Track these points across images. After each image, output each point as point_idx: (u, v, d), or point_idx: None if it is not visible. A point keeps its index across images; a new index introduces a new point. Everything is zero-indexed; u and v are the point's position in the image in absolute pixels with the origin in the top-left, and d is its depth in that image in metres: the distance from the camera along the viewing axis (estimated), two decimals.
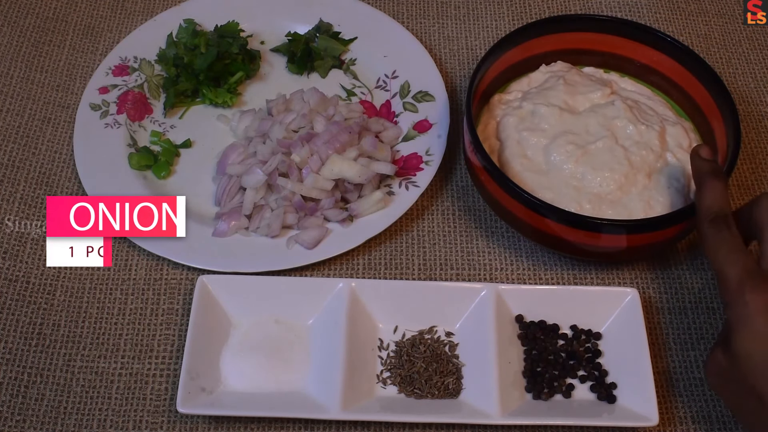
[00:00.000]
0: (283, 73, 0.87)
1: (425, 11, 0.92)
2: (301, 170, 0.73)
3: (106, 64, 0.84)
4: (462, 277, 0.73)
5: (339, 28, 0.88)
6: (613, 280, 0.73)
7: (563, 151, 0.71)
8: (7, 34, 0.87)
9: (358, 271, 0.73)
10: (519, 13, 0.93)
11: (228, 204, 0.74)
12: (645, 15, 0.92)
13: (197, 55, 0.83)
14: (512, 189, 0.67)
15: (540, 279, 0.73)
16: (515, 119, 0.74)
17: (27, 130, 0.80)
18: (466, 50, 0.89)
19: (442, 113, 0.80)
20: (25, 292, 0.70)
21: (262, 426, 0.64)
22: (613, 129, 0.72)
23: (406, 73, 0.84)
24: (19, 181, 0.77)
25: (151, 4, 0.92)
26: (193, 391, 0.63)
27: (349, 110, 0.79)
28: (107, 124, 0.80)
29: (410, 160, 0.77)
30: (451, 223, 0.76)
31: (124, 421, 0.64)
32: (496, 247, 0.74)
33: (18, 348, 0.67)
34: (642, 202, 0.69)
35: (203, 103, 0.83)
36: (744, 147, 0.81)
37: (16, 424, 0.63)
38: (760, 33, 0.91)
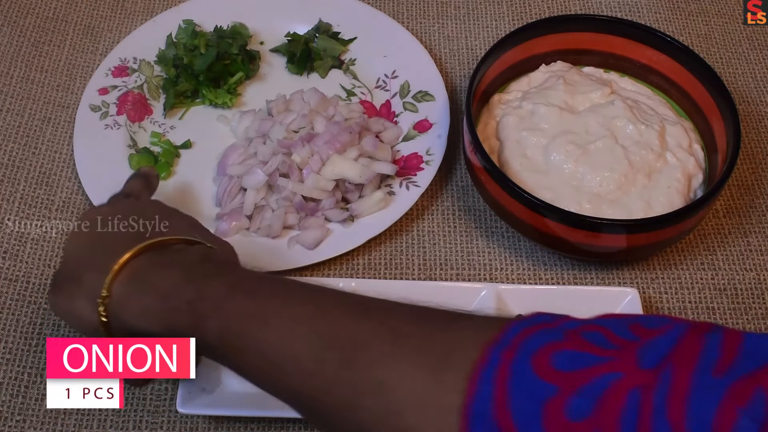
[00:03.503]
0: (283, 74, 0.87)
1: (425, 11, 0.92)
2: (301, 170, 0.73)
3: (106, 65, 0.84)
4: (462, 277, 0.73)
5: (338, 28, 0.88)
6: (613, 280, 0.73)
7: (563, 151, 0.71)
8: (7, 34, 0.87)
9: (358, 271, 0.73)
10: (519, 13, 0.93)
11: (229, 205, 0.74)
12: (645, 15, 0.92)
13: (197, 56, 0.83)
14: (512, 189, 0.67)
15: (540, 279, 0.73)
16: (515, 119, 0.74)
17: (27, 130, 0.80)
18: (466, 50, 0.89)
19: (442, 113, 0.80)
20: (25, 292, 0.70)
21: (262, 426, 0.64)
22: (613, 129, 0.72)
23: (406, 73, 0.84)
24: (19, 181, 0.77)
25: (151, 5, 0.92)
26: (193, 391, 0.62)
27: (350, 110, 0.79)
28: (107, 125, 0.80)
29: (410, 160, 0.77)
30: (451, 223, 0.76)
31: (124, 421, 0.64)
32: (496, 247, 0.74)
33: (18, 348, 0.67)
34: (642, 201, 0.69)
35: (203, 104, 0.83)
36: (744, 147, 0.81)
37: (16, 424, 0.63)
38: (760, 33, 0.91)
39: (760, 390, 0.33)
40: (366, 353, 0.43)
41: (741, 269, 0.73)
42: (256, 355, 0.47)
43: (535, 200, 0.66)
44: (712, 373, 0.34)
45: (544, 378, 0.37)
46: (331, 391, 0.44)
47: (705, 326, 0.37)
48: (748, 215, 0.77)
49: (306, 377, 0.45)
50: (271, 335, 0.47)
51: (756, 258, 0.74)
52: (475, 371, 0.38)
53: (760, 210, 0.77)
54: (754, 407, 0.32)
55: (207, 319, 0.49)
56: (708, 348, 0.35)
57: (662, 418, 0.34)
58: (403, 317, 0.45)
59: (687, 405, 0.33)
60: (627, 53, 0.80)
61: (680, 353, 0.36)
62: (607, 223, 0.66)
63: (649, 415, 0.34)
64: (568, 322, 0.40)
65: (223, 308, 0.49)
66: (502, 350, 0.39)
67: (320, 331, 0.46)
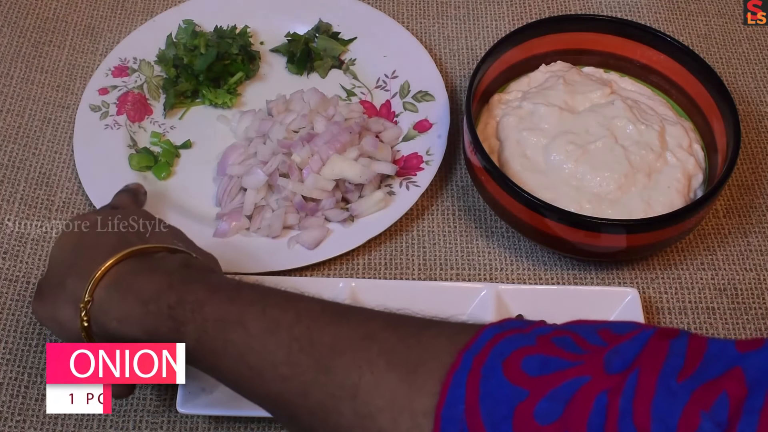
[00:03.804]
0: (283, 74, 0.87)
1: (425, 11, 0.92)
2: (301, 170, 0.73)
3: (106, 65, 0.84)
4: (462, 277, 0.73)
5: (338, 28, 0.88)
6: (613, 280, 0.73)
7: (563, 151, 0.71)
8: (7, 35, 0.87)
9: (358, 271, 0.73)
10: (519, 13, 0.93)
11: (229, 205, 0.74)
12: (645, 15, 0.92)
13: (197, 56, 0.83)
14: (512, 189, 0.67)
15: (540, 279, 0.73)
16: (515, 119, 0.74)
17: (27, 130, 0.80)
18: (466, 50, 0.89)
19: (442, 113, 0.80)
20: (25, 292, 0.70)
21: (262, 426, 0.64)
22: (613, 129, 0.72)
23: (405, 73, 0.84)
24: (19, 181, 0.77)
25: (150, 5, 0.92)
26: (193, 391, 0.62)
27: (350, 110, 0.79)
28: (107, 126, 0.80)
29: (410, 160, 0.77)
30: (451, 223, 0.76)
31: (124, 421, 0.64)
32: (496, 247, 0.74)
33: (18, 348, 0.67)
34: (642, 201, 0.69)
35: (203, 104, 0.83)
36: (744, 147, 0.81)
37: (16, 424, 0.63)
38: (760, 33, 0.91)
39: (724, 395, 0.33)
40: (342, 358, 0.44)
41: (741, 269, 0.73)
42: (233, 359, 0.48)
43: (535, 200, 0.66)
44: (677, 378, 0.35)
45: (514, 382, 0.37)
46: (307, 395, 0.45)
47: (671, 332, 0.38)
48: (748, 215, 0.77)
49: (283, 381, 0.46)
50: (249, 340, 0.48)
51: (756, 258, 0.74)
52: (447, 376, 0.39)
53: (760, 210, 0.77)
54: (717, 411, 0.33)
55: (186, 323, 0.50)
56: (673, 353, 0.36)
57: (628, 421, 0.34)
58: (379, 324, 0.46)
59: (652, 408, 0.34)
60: (627, 53, 0.80)
61: (645, 358, 0.36)
62: (607, 223, 0.66)
63: (616, 418, 0.35)
64: (540, 327, 0.41)
65: (202, 312, 0.50)
66: (474, 355, 0.39)
67: (298, 337, 0.46)
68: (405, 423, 0.40)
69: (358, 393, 0.42)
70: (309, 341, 0.46)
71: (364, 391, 0.42)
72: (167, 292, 0.52)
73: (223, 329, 0.49)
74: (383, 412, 0.41)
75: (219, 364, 0.50)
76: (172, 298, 0.51)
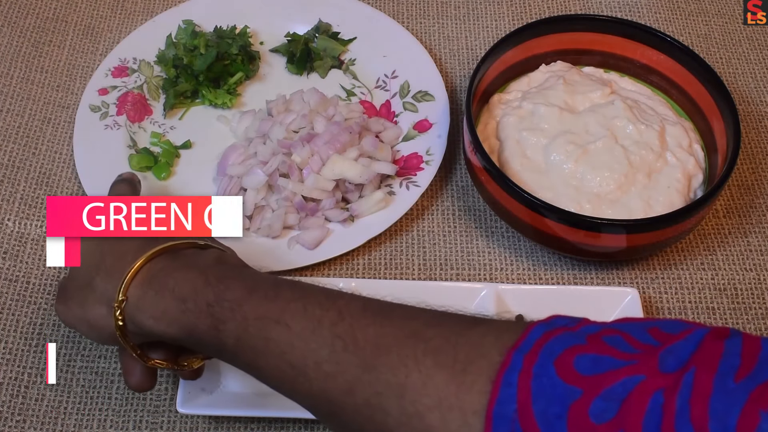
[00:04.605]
0: (283, 74, 0.87)
1: (425, 11, 0.92)
2: (301, 171, 0.73)
3: (106, 65, 0.84)
4: (462, 277, 0.73)
5: (338, 28, 0.88)
6: (613, 280, 0.73)
7: (563, 151, 0.71)
8: (7, 35, 0.87)
9: (358, 272, 0.73)
10: (519, 13, 0.93)
11: None
12: (645, 15, 0.92)
13: (197, 56, 0.83)
14: (512, 189, 0.67)
15: (540, 279, 0.73)
16: (515, 119, 0.74)
17: (27, 130, 0.80)
18: (466, 50, 0.89)
19: (442, 113, 0.80)
20: (25, 292, 0.70)
21: (262, 426, 0.64)
22: (613, 129, 0.72)
23: (405, 73, 0.84)
24: (19, 181, 0.77)
25: (151, 5, 0.92)
26: (193, 391, 0.62)
27: (349, 110, 0.79)
28: (107, 126, 0.80)
29: (410, 160, 0.77)
30: (451, 223, 0.76)
31: (124, 421, 0.64)
32: (496, 247, 0.74)
33: (18, 348, 0.67)
34: (642, 201, 0.69)
35: (203, 104, 0.83)
36: (744, 147, 0.81)
37: (16, 424, 0.63)
38: (760, 33, 0.91)
39: None
40: (388, 357, 0.44)
41: (741, 269, 0.73)
42: (275, 357, 0.48)
43: (535, 200, 0.66)
44: (734, 378, 0.35)
45: (568, 381, 0.37)
46: (352, 393, 0.44)
47: (724, 331, 0.38)
48: (748, 215, 0.77)
49: (326, 379, 0.45)
50: (291, 338, 0.47)
51: (756, 258, 0.74)
52: (497, 374, 0.39)
53: (760, 210, 0.77)
54: None
55: (226, 321, 0.50)
56: (728, 353, 0.36)
57: (686, 420, 0.34)
58: (424, 322, 0.46)
59: (710, 407, 0.34)
60: (627, 53, 0.80)
61: (701, 358, 0.36)
62: (607, 223, 0.66)
63: (673, 417, 0.34)
64: (588, 326, 0.41)
65: (242, 311, 0.49)
66: (524, 353, 0.39)
67: (341, 335, 0.46)
68: (455, 422, 0.40)
69: (405, 391, 0.42)
70: (353, 339, 0.45)
71: (412, 390, 0.42)
72: (204, 289, 0.51)
73: (263, 327, 0.48)
74: (432, 410, 0.41)
75: (259, 362, 0.49)
76: (210, 295, 0.51)
